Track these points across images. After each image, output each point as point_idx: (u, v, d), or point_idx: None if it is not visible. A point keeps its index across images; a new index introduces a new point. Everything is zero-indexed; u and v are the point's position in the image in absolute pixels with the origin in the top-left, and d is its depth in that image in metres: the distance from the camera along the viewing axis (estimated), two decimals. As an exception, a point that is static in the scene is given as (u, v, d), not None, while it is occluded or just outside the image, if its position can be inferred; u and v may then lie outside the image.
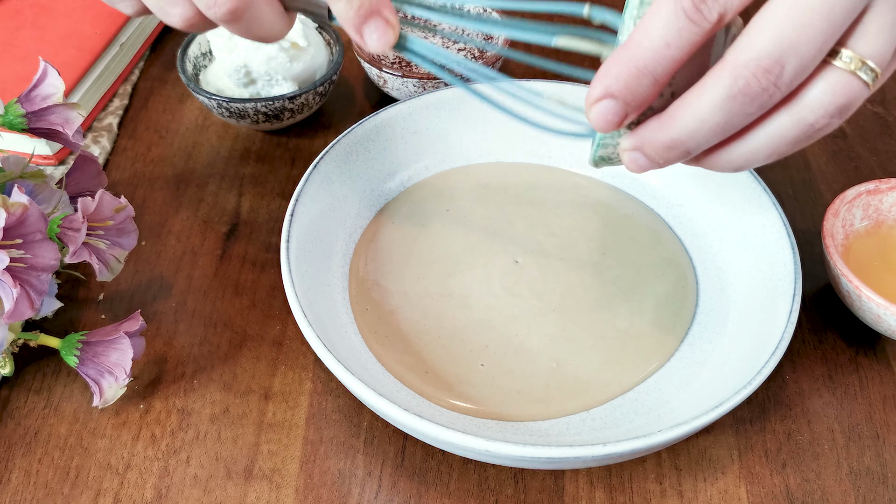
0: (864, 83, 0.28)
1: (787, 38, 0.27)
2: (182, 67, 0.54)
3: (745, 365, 0.38)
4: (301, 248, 0.42)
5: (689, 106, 0.29)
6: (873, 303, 0.41)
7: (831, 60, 0.28)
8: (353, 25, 0.34)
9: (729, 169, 0.32)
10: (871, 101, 0.61)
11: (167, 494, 0.38)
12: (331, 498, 0.38)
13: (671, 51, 0.28)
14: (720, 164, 0.31)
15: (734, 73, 0.27)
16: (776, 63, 0.27)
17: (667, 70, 0.28)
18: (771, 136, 0.30)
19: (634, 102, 0.29)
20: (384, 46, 0.34)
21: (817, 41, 0.27)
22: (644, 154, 0.31)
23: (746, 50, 0.27)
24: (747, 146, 0.30)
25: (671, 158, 0.31)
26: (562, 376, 0.41)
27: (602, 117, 0.30)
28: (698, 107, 0.28)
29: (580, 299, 0.44)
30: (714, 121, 0.28)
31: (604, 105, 0.29)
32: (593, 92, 0.29)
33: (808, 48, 0.27)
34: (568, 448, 0.33)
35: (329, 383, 0.42)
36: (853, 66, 0.28)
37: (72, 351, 0.39)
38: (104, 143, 0.55)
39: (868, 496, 0.39)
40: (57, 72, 0.42)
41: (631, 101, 0.29)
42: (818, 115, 0.28)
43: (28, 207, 0.35)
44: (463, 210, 0.49)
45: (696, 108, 0.29)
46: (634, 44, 0.28)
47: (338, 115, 0.58)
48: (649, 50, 0.28)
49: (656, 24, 0.28)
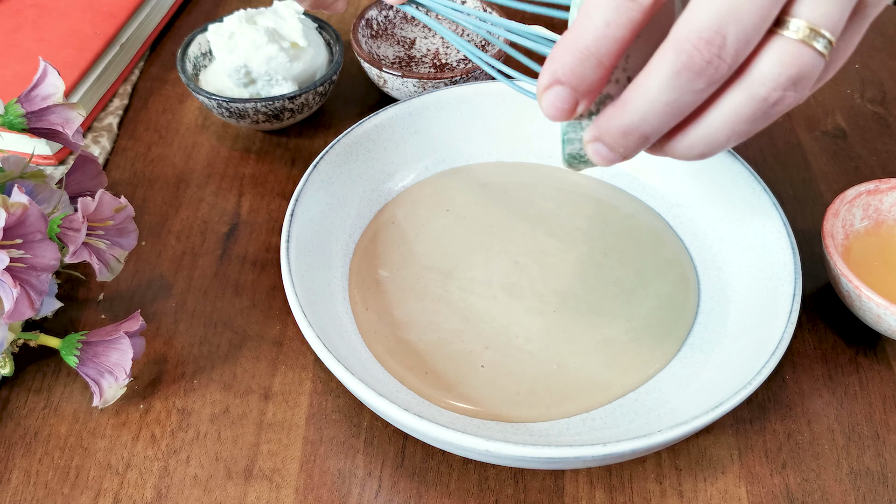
0: (818, 52, 0.27)
1: (726, 8, 0.26)
2: (182, 67, 0.54)
3: (745, 365, 0.38)
4: (301, 248, 0.42)
5: (638, 88, 0.28)
6: (873, 303, 0.41)
7: (778, 30, 0.27)
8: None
9: (693, 155, 0.31)
10: (871, 101, 0.61)
11: (167, 494, 0.38)
12: (331, 498, 0.38)
13: (611, 29, 0.27)
14: (681, 149, 0.31)
15: (676, 48, 0.27)
16: (717, 34, 0.26)
17: (610, 51, 0.28)
18: (725, 115, 0.29)
19: (582, 88, 0.29)
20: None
21: (758, 8, 0.26)
22: (605, 144, 0.30)
23: (687, 24, 0.27)
24: (704, 128, 0.29)
25: (630, 145, 0.30)
26: (563, 378, 0.41)
27: (552, 105, 0.29)
28: (647, 88, 0.28)
29: (581, 300, 0.44)
30: (663, 100, 0.28)
31: (553, 92, 0.29)
32: (542, 80, 0.29)
33: (750, 16, 0.26)
34: (568, 448, 0.33)
35: (329, 383, 0.42)
36: (801, 35, 0.27)
37: (72, 351, 0.39)
38: (104, 143, 0.55)
39: (868, 496, 0.39)
40: (57, 72, 0.42)
41: (578, 86, 0.29)
42: (769, 87, 0.28)
43: (28, 207, 0.35)
44: (463, 210, 0.49)
45: (644, 90, 0.28)
46: (577, 28, 0.28)
47: (338, 115, 0.58)
48: (590, 31, 0.28)
49: (596, 5, 0.28)
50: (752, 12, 0.26)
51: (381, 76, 0.54)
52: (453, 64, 0.59)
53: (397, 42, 0.61)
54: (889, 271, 0.45)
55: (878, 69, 0.64)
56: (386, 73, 0.53)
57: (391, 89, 0.55)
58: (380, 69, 0.53)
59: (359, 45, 0.56)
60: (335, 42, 0.56)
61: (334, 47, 0.56)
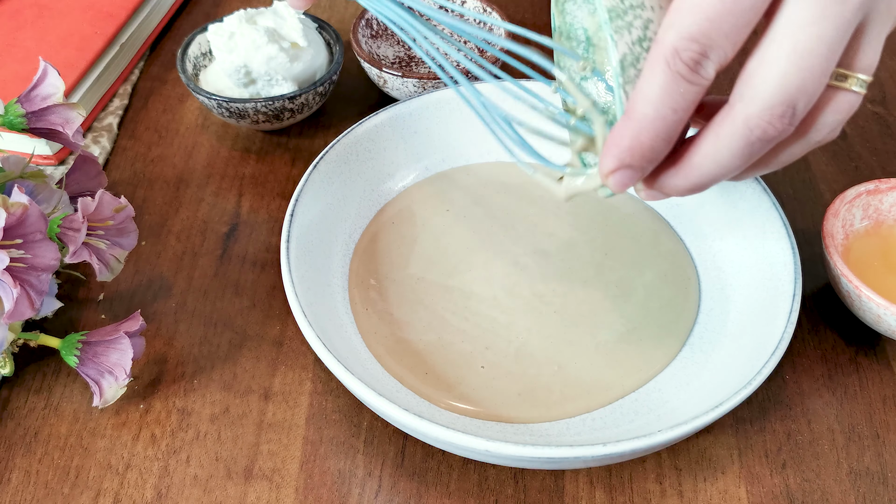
0: (860, 94, 0.29)
1: (795, 84, 0.27)
2: (182, 67, 0.54)
3: (745, 365, 0.38)
4: (301, 248, 0.42)
5: (706, 156, 0.30)
6: (873, 303, 0.41)
7: (833, 83, 0.29)
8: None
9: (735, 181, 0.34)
10: (872, 101, 0.61)
11: (167, 494, 0.38)
12: (331, 498, 0.38)
13: (679, 115, 0.29)
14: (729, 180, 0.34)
15: (749, 123, 0.28)
16: (788, 108, 0.28)
17: (678, 131, 0.29)
18: (781, 160, 0.32)
19: (650, 166, 0.30)
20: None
21: (821, 78, 0.28)
22: (663, 193, 0.33)
23: (756, 100, 0.28)
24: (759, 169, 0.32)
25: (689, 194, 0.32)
26: (563, 379, 0.41)
27: (621, 184, 0.31)
28: (717, 155, 0.30)
29: (582, 301, 0.44)
30: (734, 165, 0.30)
31: (621, 174, 0.30)
32: (608, 164, 0.30)
33: (814, 87, 0.28)
34: (568, 448, 0.33)
35: (329, 383, 0.42)
36: (852, 85, 0.29)
37: (72, 351, 0.39)
38: (104, 143, 0.55)
39: (868, 496, 0.39)
40: (57, 72, 0.42)
41: (647, 165, 0.30)
42: (824, 133, 0.30)
43: (28, 207, 0.35)
44: (463, 210, 0.49)
45: (714, 157, 0.30)
46: (640, 115, 0.29)
47: (338, 115, 0.58)
48: (658, 119, 0.29)
49: (655, 92, 0.28)
50: (818, 83, 0.28)
51: (381, 76, 0.54)
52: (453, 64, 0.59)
53: (397, 42, 0.61)
54: (889, 271, 0.45)
55: (878, 69, 0.64)
56: (386, 73, 0.53)
57: (391, 89, 0.55)
58: (380, 69, 0.53)
59: (359, 45, 0.56)
60: (335, 42, 0.56)
61: (334, 47, 0.56)
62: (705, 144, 0.30)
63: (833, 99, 0.29)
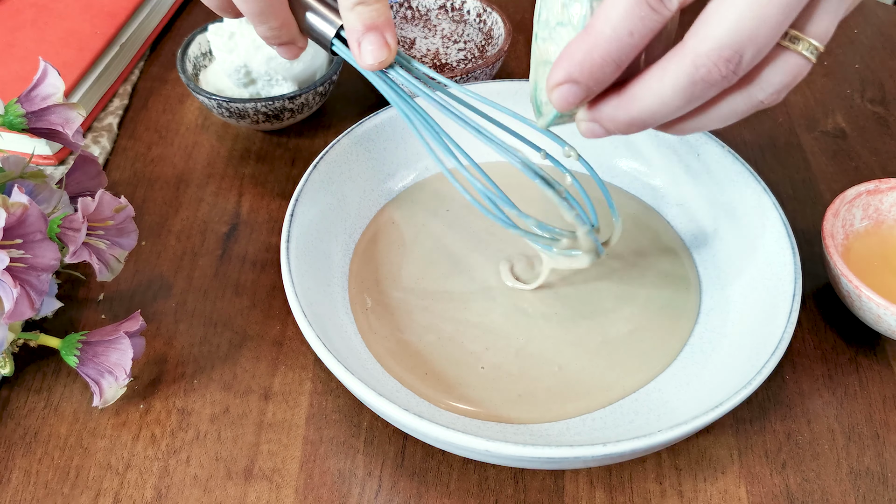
0: (810, 60, 0.30)
1: (747, 30, 0.28)
2: (182, 67, 0.54)
3: (745, 365, 0.38)
4: (301, 248, 0.42)
5: (649, 88, 0.30)
6: (873, 303, 0.41)
7: (784, 43, 0.29)
8: (356, 35, 0.36)
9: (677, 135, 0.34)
10: (872, 101, 0.61)
11: (167, 494, 0.38)
12: (331, 498, 0.38)
13: (634, 39, 0.29)
14: (671, 131, 0.34)
15: (696, 61, 0.29)
16: (736, 53, 0.28)
17: (629, 57, 0.30)
18: (722, 112, 0.32)
19: (596, 87, 0.31)
20: (375, 61, 0.37)
21: (774, 31, 0.28)
22: (602, 125, 0.33)
23: (707, 40, 0.28)
24: (700, 121, 0.32)
25: (627, 131, 0.33)
26: (564, 380, 0.41)
27: (564, 99, 0.31)
28: (659, 90, 0.30)
29: (583, 302, 0.44)
30: (674, 103, 0.30)
31: (566, 89, 0.31)
32: (555, 76, 0.31)
33: (766, 38, 0.28)
34: (568, 448, 0.33)
35: (329, 383, 0.42)
36: (802, 48, 0.29)
37: (72, 351, 0.39)
38: (104, 143, 0.55)
39: (868, 496, 0.39)
40: (57, 72, 0.42)
41: (593, 85, 0.31)
42: (768, 93, 0.31)
43: (28, 207, 0.35)
44: (463, 210, 0.49)
45: (656, 91, 0.30)
46: (597, 32, 0.29)
47: (338, 115, 0.58)
48: (613, 40, 0.29)
49: (618, 13, 0.29)
50: (770, 35, 0.28)
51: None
52: (453, 64, 0.59)
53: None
54: (889, 271, 0.45)
55: (878, 69, 0.64)
56: (386, 73, 0.53)
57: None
58: (380, 69, 0.53)
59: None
60: (335, 42, 0.56)
61: (334, 47, 0.56)
62: (650, 78, 0.30)
63: (781, 58, 0.30)
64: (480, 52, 0.59)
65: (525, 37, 0.66)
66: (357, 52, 0.37)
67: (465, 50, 0.59)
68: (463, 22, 0.61)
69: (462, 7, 0.61)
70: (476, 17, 0.60)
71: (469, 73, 0.53)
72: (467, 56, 0.59)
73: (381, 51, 0.37)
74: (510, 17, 0.67)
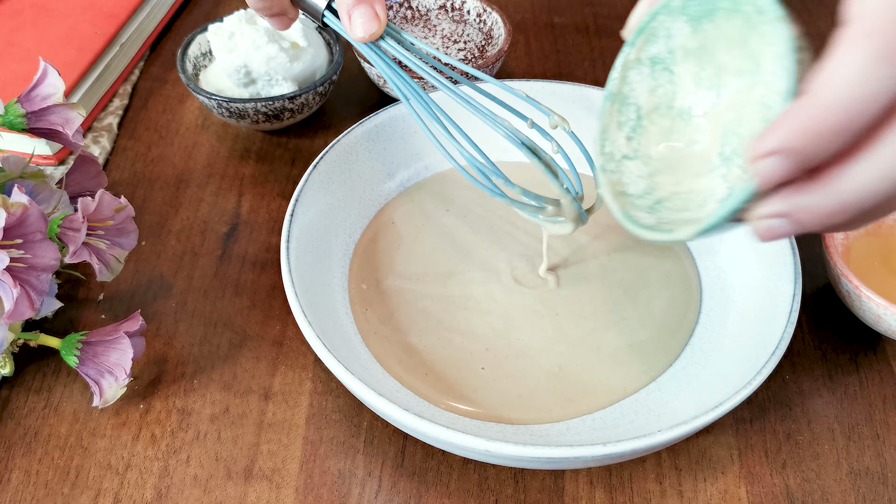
0: None
1: None
2: (182, 67, 0.54)
3: (745, 365, 0.38)
4: (301, 248, 0.42)
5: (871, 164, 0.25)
6: (873, 303, 0.41)
7: None
8: (346, 7, 0.37)
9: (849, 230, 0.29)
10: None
11: (167, 494, 0.38)
12: (331, 498, 0.38)
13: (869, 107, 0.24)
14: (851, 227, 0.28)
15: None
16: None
17: (862, 129, 0.25)
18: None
19: (809, 164, 0.25)
20: (366, 33, 0.37)
21: None
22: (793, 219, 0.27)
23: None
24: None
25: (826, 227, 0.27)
26: (565, 381, 0.41)
27: (767, 174, 0.26)
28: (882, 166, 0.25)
29: (584, 303, 0.44)
30: None
31: (773, 161, 0.25)
32: (766, 144, 0.26)
33: None
34: (568, 448, 0.33)
35: (329, 383, 0.42)
36: None
37: (72, 351, 0.39)
38: (104, 143, 0.55)
39: (868, 496, 0.39)
40: (57, 72, 0.42)
41: (807, 162, 0.25)
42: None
43: (28, 207, 0.35)
44: (463, 210, 0.49)
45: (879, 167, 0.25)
46: (827, 97, 0.24)
47: (338, 115, 0.58)
48: (844, 109, 0.24)
49: (851, 77, 0.24)
50: None
51: (381, 76, 0.54)
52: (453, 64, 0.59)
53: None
54: (889, 271, 0.45)
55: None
56: (386, 73, 0.53)
57: (391, 89, 0.55)
58: (380, 69, 0.53)
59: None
60: (335, 42, 0.56)
61: (334, 47, 0.56)
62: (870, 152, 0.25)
63: None
64: (480, 52, 0.59)
65: (525, 37, 0.66)
66: (347, 23, 0.37)
67: (465, 50, 0.59)
68: (463, 22, 0.61)
69: (462, 7, 0.61)
70: (476, 18, 0.60)
71: (469, 73, 0.53)
72: (467, 56, 0.59)
73: (372, 22, 0.37)
74: (510, 17, 0.67)
